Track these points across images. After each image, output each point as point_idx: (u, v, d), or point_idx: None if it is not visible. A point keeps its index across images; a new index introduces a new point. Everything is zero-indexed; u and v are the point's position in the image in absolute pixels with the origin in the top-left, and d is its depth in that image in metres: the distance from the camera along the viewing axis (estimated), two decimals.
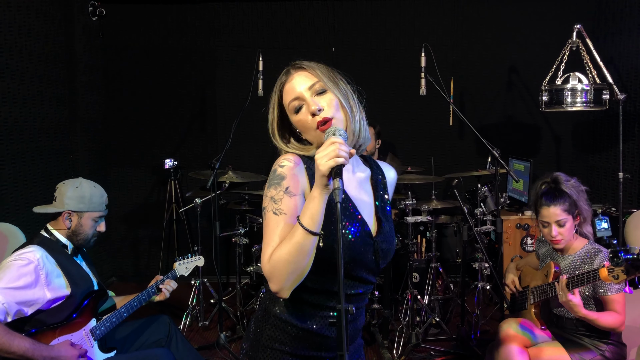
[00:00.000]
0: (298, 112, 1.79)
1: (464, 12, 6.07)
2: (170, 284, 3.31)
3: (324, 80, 1.79)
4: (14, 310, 2.68)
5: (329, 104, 1.77)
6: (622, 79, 5.11)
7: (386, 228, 1.85)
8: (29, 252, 2.82)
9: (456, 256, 5.22)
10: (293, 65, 1.86)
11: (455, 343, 4.34)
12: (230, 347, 4.34)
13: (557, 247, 3.08)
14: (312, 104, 1.75)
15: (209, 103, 6.25)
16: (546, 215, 3.03)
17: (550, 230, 3.02)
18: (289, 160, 1.78)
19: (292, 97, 1.80)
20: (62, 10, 5.26)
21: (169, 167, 5.74)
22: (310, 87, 1.78)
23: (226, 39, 6.18)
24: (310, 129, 1.78)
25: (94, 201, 3.08)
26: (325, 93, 1.78)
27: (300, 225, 1.60)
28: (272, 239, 1.67)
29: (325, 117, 1.74)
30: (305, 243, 1.60)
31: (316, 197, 1.60)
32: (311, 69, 1.81)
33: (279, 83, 1.85)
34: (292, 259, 1.60)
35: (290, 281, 1.63)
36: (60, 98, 5.21)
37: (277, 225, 1.69)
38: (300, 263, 1.61)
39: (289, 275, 1.62)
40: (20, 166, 4.54)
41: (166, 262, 6.14)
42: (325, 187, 1.58)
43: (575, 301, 2.74)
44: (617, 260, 2.48)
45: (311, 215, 1.60)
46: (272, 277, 1.63)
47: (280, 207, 1.71)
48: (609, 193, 5.36)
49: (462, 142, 6.17)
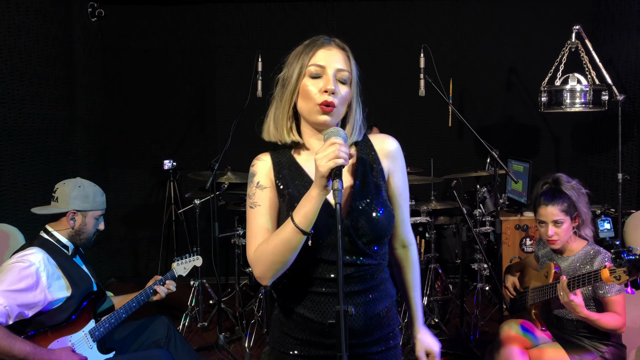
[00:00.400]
0: (313, 78, 1.79)
1: (463, 13, 6.08)
2: (170, 287, 3.31)
3: (352, 74, 1.83)
4: (15, 312, 2.68)
5: (342, 96, 1.79)
6: (621, 80, 5.11)
7: (359, 205, 1.77)
8: (30, 254, 2.82)
9: (455, 257, 5.22)
10: (335, 39, 1.87)
11: (455, 344, 4.34)
12: (230, 348, 4.34)
13: (553, 247, 3.08)
14: (331, 84, 1.76)
15: (208, 104, 6.25)
16: (543, 214, 3.03)
17: (547, 229, 3.02)
18: (258, 158, 1.90)
19: (319, 64, 1.79)
20: (62, 11, 5.26)
21: (168, 168, 5.74)
22: (339, 70, 1.80)
23: (225, 40, 6.18)
24: (311, 100, 1.77)
25: (96, 200, 3.12)
26: (345, 85, 1.81)
27: (292, 221, 1.63)
28: (253, 230, 1.79)
29: (333, 103, 1.75)
30: (293, 239, 1.64)
31: (314, 197, 1.61)
32: (348, 57, 1.85)
33: (312, 47, 1.83)
34: (278, 251, 1.67)
35: (273, 271, 1.71)
36: (60, 99, 5.20)
37: (255, 217, 1.81)
38: (285, 257, 1.68)
39: (272, 265, 1.70)
40: (20, 167, 4.54)
41: (165, 262, 6.13)
42: (324, 188, 1.59)
43: (577, 301, 2.73)
44: (620, 261, 2.48)
45: (305, 213, 1.62)
46: (256, 265, 1.74)
47: (254, 201, 1.83)
48: (608, 194, 5.37)
49: (461, 143, 6.17)
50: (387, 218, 1.81)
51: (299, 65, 1.81)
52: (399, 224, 1.96)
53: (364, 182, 1.83)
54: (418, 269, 2.03)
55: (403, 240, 1.99)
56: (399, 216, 1.93)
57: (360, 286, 1.79)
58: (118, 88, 6.20)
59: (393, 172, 1.91)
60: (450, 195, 5.31)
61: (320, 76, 1.78)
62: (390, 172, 1.90)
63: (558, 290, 2.79)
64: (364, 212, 1.77)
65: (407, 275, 2.01)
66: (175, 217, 6.01)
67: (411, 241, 2.01)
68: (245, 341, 4.44)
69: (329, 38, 1.86)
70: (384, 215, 1.79)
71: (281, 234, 1.67)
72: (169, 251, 6.17)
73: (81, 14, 5.68)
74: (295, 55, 1.86)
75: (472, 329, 4.52)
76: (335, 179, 1.56)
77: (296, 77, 1.81)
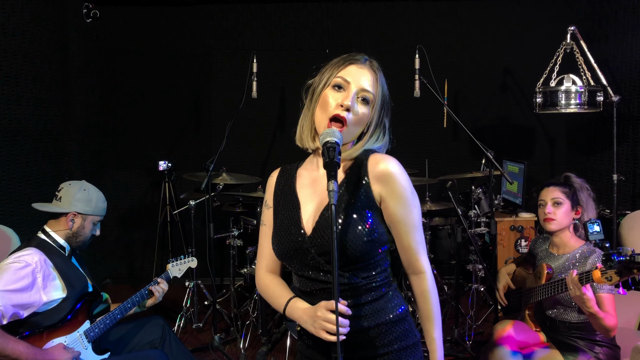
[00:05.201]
0: (335, 89, 1.80)
1: (458, 14, 6.09)
2: (162, 285, 3.32)
3: (377, 98, 1.84)
4: (10, 313, 2.68)
5: (358, 117, 1.80)
6: (616, 81, 5.12)
7: (324, 224, 1.75)
8: (27, 254, 2.82)
9: (450, 258, 5.22)
10: (371, 58, 1.90)
11: (450, 345, 4.34)
12: (224, 349, 4.34)
13: (548, 229, 3.07)
14: (349, 99, 1.77)
15: (203, 105, 6.25)
16: (544, 194, 3.10)
17: (545, 208, 3.05)
18: (271, 175, 2.01)
19: (345, 78, 1.80)
20: (57, 12, 5.25)
21: (163, 168, 5.74)
22: (363, 89, 1.80)
23: (220, 41, 6.17)
24: (325, 112, 1.78)
25: (98, 205, 3.15)
26: (366, 106, 1.81)
27: (284, 309, 1.85)
28: (259, 250, 2.00)
29: (344, 118, 1.76)
30: (279, 309, 1.89)
31: (296, 318, 1.81)
32: (376, 79, 1.85)
33: (346, 60, 1.85)
34: (270, 301, 1.95)
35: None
36: (54, 100, 5.19)
37: (261, 237, 1.99)
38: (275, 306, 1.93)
39: (268, 300, 1.97)
40: (14, 168, 4.52)
41: (160, 264, 6.13)
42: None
43: (589, 295, 2.69)
44: (610, 263, 2.49)
45: (292, 317, 1.84)
46: (258, 289, 2.02)
47: (262, 219, 1.99)
48: (603, 195, 5.37)
49: (456, 144, 6.18)
50: (360, 237, 1.73)
51: (328, 75, 1.82)
52: (404, 252, 1.86)
53: (341, 198, 1.78)
54: (435, 298, 1.86)
55: (414, 267, 1.86)
56: (402, 243, 1.84)
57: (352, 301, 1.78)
58: (113, 89, 6.19)
59: (386, 197, 1.80)
60: (445, 196, 5.31)
61: (344, 90, 1.79)
62: (382, 196, 1.80)
63: (568, 284, 2.75)
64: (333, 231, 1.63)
65: (420, 305, 1.87)
66: (171, 218, 6.01)
67: (423, 269, 1.86)
68: (240, 342, 4.44)
69: (367, 58, 1.88)
70: (358, 233, 1.73)
71: (274, 297, 1.92)
72: (164, 252, 6.16)
73: (76, 15, 5.67)
74: (329, 65, 1.86)
75: (467, 330, 4.52)
76: (330, 179, 1.56)
77: (322, 87, 1.82)
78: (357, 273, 1.78)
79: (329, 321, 1.66)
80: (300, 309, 1.79)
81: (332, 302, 1.64)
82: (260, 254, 1.99)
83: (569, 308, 2.99)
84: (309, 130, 1.87)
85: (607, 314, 2.78)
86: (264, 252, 1.97)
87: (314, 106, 1.84)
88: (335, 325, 1.57)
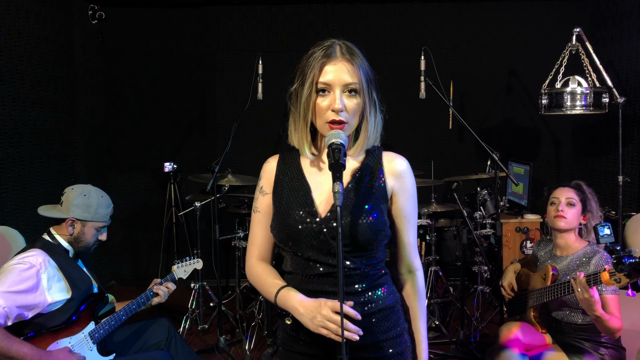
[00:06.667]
0: (321, 93, 1.76)
1: (464, 15, 6.08)
2: (168, 286, 3.31)
3: (362, 83, 1.77)
4: (14, 314, 2.68)
5: (352, 110, 1.77)
6: (621, 82, 5.11)
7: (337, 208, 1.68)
8: (31, 256, 2.82)
9: (456, 259, 5.21)
10: (342, 46, 1.80)
11: (455, 346, 4.33)
12: (230, 351, 4.34)
13: (558, 226, 3.07)
14: (337, 103, 1.73)
15: (208, 106, 6.26)
16: (558, 193, 3.15)
17: (558, 206, 3.08)
18: (267, 161, 1.98)
19: (325, 80, 1.75)
20: (62, 14, 5.27)
21: (169, 170, 5.74)
22: (346, 84, 1.75)
23: (226, 43, 6.18)
24: (322, 118, 1.77)
25: (99, 211, 3.09)
26: (355, 95, 1.78)
27: (275, 297, 1.80)
28: (251, 237, 1.97)
29: (341, 120, 1.75)
30: (269, 298, 1.84)
31: (290, 308, 1.76)
32: (356, 65, 1.77)
33: (320, 59, 1.76)
34: (260, 290, 1.91)
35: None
36: (60, 102, 5.21)
37: (254, 223, 1.96)
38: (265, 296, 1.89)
39: (258, 289, 1.94)
40: (20, 170, 4.54)
41: (166, 265, 6.13)
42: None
43: (596, 297, 2.69)
44: (622, 266, 2.48)
45: (283, 306, 1.79)
46: (248, 278, 1.97)
47: (256, 205, 1.95)
48: (609, 196, 5.36)
49: (462, 146, 6.17)
50: (374, 226, 1.76)
51: (309, 82, 1.77)
52: (403, 248, 1.91)
53: (357, 186, 1.82)
54: (424, 297, 1.96)
55: (409, 264, 1.93)
56: (403, 239, 1.90)
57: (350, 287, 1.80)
58: (118, 91, 6.20)
59: (398, 192, 1.87)
60: (450, 197, 5.31)
61: (328, 92, 1.76)
62: (394, 191, 1.87)
63: (575, 286, 2.75)
64: (350, 213, 1.76)
65: (411, 303, 1.93)
66: (176, 220, 6.01)
67: (417, 267, 1.94)
68: (246, 344, 4.44)
69: (335, 46, 1.79)
70: (372, 222, 1.76)
71: (265, 286, 1.87)
72: (169, 254, 6.17)
73: (81, 16, 5.69)
74: (305, 67, 1.79)
75: (472, 332, 4.52)
76: (335, 181, 1.56)
77: (307, 94, 1.77)
78: (363, 260, 1.79)
79: (334, 322, 1.63)
80: (296, 300, 1.74)
81: (337, 304, 1.63)
82: (252, 242, 1.95)
83: (574, 310, 2.98)
84: (305, 137, 1.84)
85: (612, 315, 2.77)
86: (256, 241, 1.94)
87: (305, 114, 1.80)
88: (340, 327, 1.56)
